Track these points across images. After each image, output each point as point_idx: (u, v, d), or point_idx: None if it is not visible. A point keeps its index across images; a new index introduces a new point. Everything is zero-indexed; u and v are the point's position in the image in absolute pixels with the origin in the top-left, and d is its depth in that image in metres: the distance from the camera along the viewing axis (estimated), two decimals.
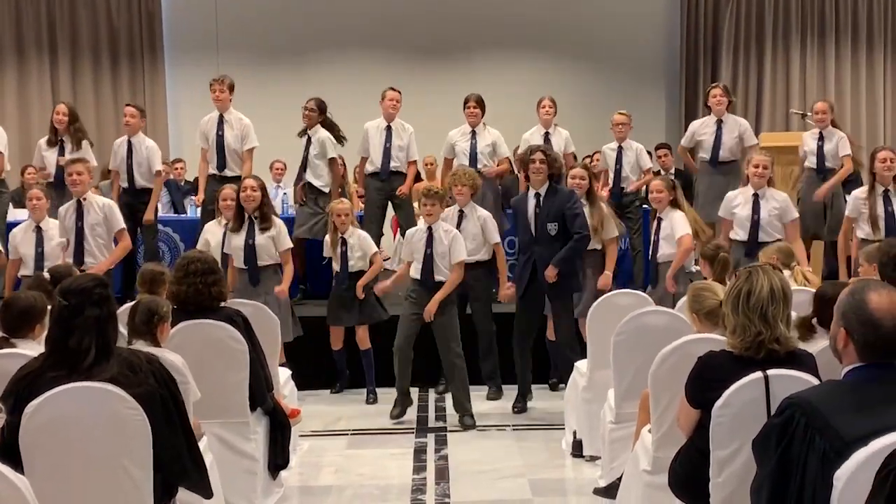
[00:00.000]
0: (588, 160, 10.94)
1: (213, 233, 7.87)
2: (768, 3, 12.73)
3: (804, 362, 3.72)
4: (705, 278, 6.26)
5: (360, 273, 7.94)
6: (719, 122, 9.00)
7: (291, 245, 7.81)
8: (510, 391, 7.82)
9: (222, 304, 5.47)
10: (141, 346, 4.40)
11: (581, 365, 6.54)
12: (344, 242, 7.94)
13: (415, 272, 7.37)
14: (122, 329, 4.36)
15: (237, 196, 7.61)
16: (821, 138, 8.93)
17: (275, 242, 7.58)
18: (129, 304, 4.96)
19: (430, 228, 7.34)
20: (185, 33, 12.78)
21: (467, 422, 7.24)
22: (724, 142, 8.93)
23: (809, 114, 11.05)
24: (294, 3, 12.72)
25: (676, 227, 7.52)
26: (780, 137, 10.05)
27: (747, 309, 3.66)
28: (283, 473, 5.82)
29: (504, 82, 12.03)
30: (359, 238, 8.00)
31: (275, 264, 7.63)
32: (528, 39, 12.81)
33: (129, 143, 8.96)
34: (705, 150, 9.02)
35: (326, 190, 8.99)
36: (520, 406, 7.57)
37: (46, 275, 6.02)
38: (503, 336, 7.82)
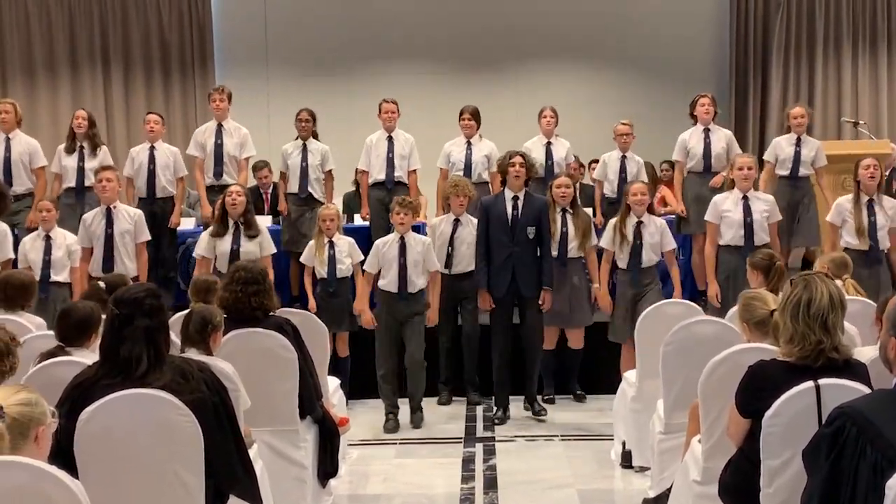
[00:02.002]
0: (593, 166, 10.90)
1: (207, 240, 7.90)
2: (819, 10, 12.58)
3: (857, 371, 3.68)
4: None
5: (346, 279, 8.00)
6: (707, 131, 8.92)
7: (275, 251, 7.92)
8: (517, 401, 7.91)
9: (270, 313, 5.52)
10: (193, 354, 4.46)
11: (630, 375, 6.52)
12: (332, 245, 7.97)
13: (386, 284, 7.44)
14: (175, 337, 4.42)
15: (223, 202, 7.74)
16: (798, 144, 8.76)
17: (260, 248, 7.67)
18: (182, 313, 5.02)
19: (402, 238, 7.41)
20: (236, 46, 12.90)
21: (416, 421, 7.49)
22: (714, 150, 8.84)
23: (862, 122, 10.96)
24: (343, 16, 12.79)
25: (666, 238, 7.75)
26: (832, 146, 9.91)
27: (808, 317, 3.62)
28: (332, 482, 5.85)
29: (550, 93, 11.97)
30: (347, 243, 8.05)
31: None
32: (575, 50, 12.77)
33: (152, 150, 8.99)
34: (695, 159, 8.93)
35: (323, 201, 9.12)
36: (500, 417, 7.60)
37: (101, 284, 6.12)
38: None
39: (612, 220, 7.86)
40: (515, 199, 7.48)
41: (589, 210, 8.74)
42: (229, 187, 7.82)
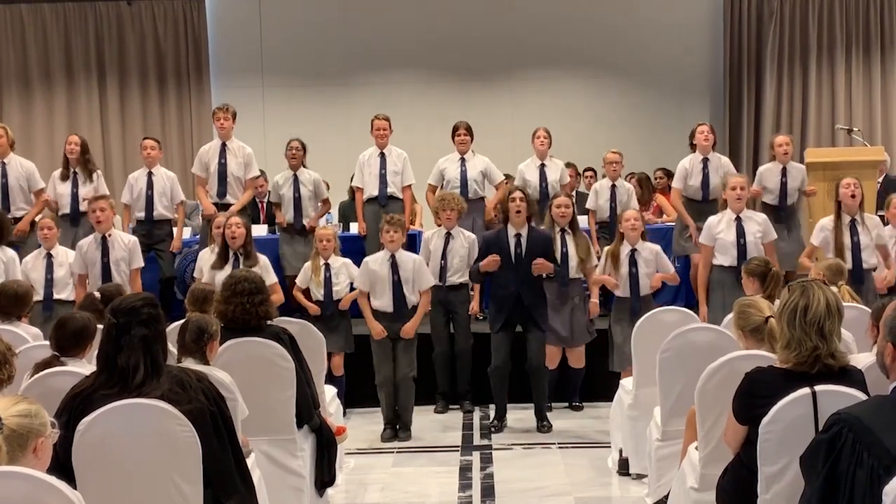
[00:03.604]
0: (591, 176, 10.92)
1: (206, 261, 7.86)
2: (812, 18, 12.64)
3: (854, 378, 3.69)
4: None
5: (342, 300, 8.01)
6: (705, 161, 8.97)
7: (276, 280, 7.85)
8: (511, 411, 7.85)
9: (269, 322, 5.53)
10: (190, 363, 4.46)
11: (627, 382, 6.53)
12: (328, 268, 8.00)
13: (381, 305, 7.45)
14: (172, 347, 4.42)
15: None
16: (784, 174, 8.85)
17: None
18: (178, 323, 5.02)
19: (392, 256, 7.44)
20: (231, 57, 12.92)
21: (402, 436, 7.47)
22: (712, 179, 8.91)
23: (856, 129, 11.00)
24: (338, 27, 12.82)
25: (663, 263, 7.74)
26: (826, 153, 9.96)
27: (804, 323, 3.63)
28: (329, 491, 5.84)
29: (545, 103, 12.07)
30: (343, 265, 8.06)
31: None
32: (570, 59, 12.80)
33: (150, 175, 9.03)
34: (692, 190, 8.97)
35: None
36: (497, 425, 7.62)
37: (97, 294, 6.12)
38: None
39: (606, 248, 7.88)
40: (518, 237, 7.46)
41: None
42: (229, 220, 7.77)
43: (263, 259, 7.83)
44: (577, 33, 12.74)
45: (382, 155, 9.16)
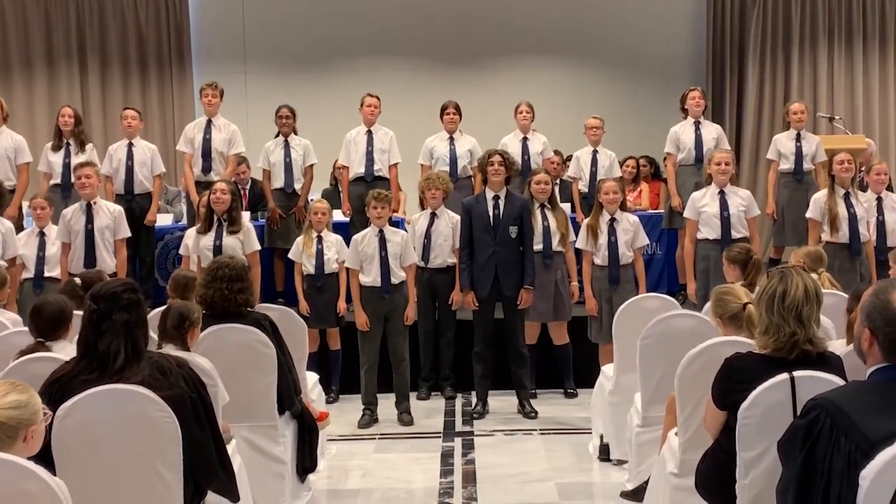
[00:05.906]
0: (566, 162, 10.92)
1: (192, 237, 7.84)
2: (795, 6, 12.65)
3: (832, 364, 3.71)
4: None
5: (333, 274, 7.99)
6: (697, 124, 9.05)
7: (259, 247, 7.87)
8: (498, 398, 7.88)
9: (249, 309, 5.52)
10: (171, 349, 4.45)
11: (608, 369, 6.55)
12: (320, 240, 7.99)
13: (369, 281, 7.45)
14: (153, 333, 4.41)
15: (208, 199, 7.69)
16: (798, 139, 8.96)
17: (243, 244, 7.62)
18: (160, 308, 5.01)
19: (381, 231, 7.44)
20: (213, 42, 12.84)
21: (405, 419, 7.47)
22: (705, 142, 8.94)
23: (838, 117, 11.04)
24: (321, 12, 12.76)
25: (639, 235, 7.78)
26: None
27: (782, 309, 3.65)
28: (311, 477, 5.85)
29: (528, 89, 11.99)
30: (336, 240, 8.07)
31: None
32: (554, 45, 12.79)
33: (130, 146, 8.98)
34: (685, 151, 9.00)
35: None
36: (479, 411, 7.63)
37: (77, 280, 6.10)
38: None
39: (585, 221, 7.90)
40: (496, 198, 7.49)
41: (567, 206, 8.79)
42: (214, 186, 7.78)
43: (248, 225, 7.84)
44: (559, 20, 12.73)
45: (370, 133, 9.13)
